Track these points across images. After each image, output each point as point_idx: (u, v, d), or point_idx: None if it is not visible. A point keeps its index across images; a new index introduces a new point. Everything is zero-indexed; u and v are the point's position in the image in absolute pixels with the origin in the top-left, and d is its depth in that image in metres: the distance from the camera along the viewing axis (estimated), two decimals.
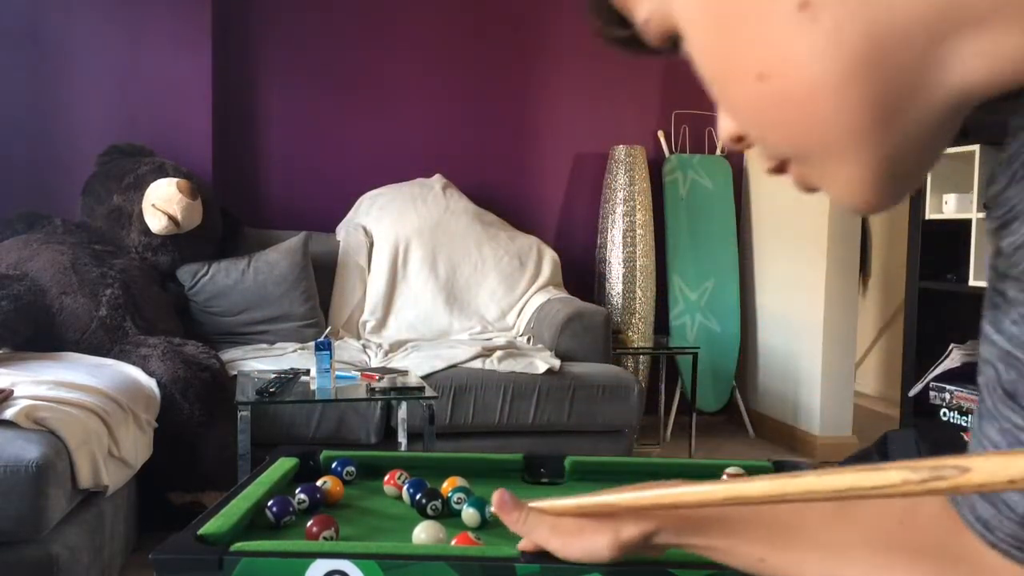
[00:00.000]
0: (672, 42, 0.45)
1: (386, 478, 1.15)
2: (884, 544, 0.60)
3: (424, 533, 0.93)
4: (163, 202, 3.32)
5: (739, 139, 0.45)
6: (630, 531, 0.68)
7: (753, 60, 0.39)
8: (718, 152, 4.48)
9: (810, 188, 0.44)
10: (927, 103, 0.38)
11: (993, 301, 0.48)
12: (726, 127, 0.45)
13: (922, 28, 0.36)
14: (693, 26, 0.41)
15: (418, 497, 1.06)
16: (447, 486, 1.09)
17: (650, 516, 0.68)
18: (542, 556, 0.75)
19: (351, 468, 1.19)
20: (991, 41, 0.35)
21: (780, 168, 0.44)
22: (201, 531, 0.83)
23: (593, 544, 0.69)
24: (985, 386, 0.50)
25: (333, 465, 1.20)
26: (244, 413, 2.47)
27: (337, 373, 2.73)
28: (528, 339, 3.69)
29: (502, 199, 4.29)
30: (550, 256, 3.99)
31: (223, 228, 3.64)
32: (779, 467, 1.12)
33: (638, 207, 4.18)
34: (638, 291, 4.17)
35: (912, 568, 0.58)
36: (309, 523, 0.91)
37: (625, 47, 0.48)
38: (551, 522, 0.72)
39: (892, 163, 0.40)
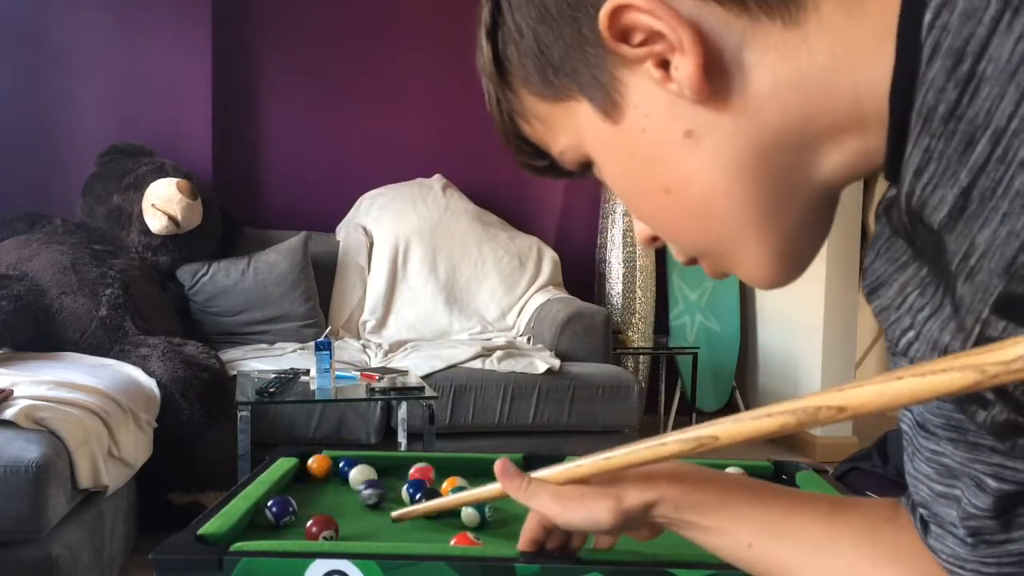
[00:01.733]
0: (585, 167, 0.55)
1: (412, 471, 1.14)
2: (870, 540, 0.63)
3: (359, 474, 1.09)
4: (163, 202, 3.32)
5: (653, 239, 0.55)
6: (632, 499, 0.69)
7: (658, 179, 0.49)
8: None
9: (722, 274, 0.54)
10: (804, 194, 0.48)
11: (891, 351, 0.54)
12: (641, 230, 0.56)
13: (787, 142, 0.46)
14: (605, 156, 0.51)
15: (418, 497, 1.06)
16: (447, 486, 1.09)
17: (655, 487, 0.69)
18: (542, 556, 0.76)
19: (374, 492, 1.10)
20: (838, 145, 0.46)
21: (692, 261, 0.54)
22: (201, 531, 0.83)
23: (595, 510, 0.70)
24: (907, 429, 0.57)
25: (341, 465, 1.18)
26: (244, 413, 2.47)
27: (337, 373, 2.73)
28: (528, 339, 3.69)
29: (502, 199, 4.29)
30: (550, 256, 3.99)
31: (223, 228, 3.64)
32: (779, 467, 1.12)
33: None
34: (638, 291, 4.17)
35: (895, 565, 0.62)
36: (309, 523, 0.91)
37: (544, 173, 0.58)
38: (552, 489, 0.72)
39: (786, 245, 0.50)
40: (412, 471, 1.15)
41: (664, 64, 0.45)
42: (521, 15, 0.49)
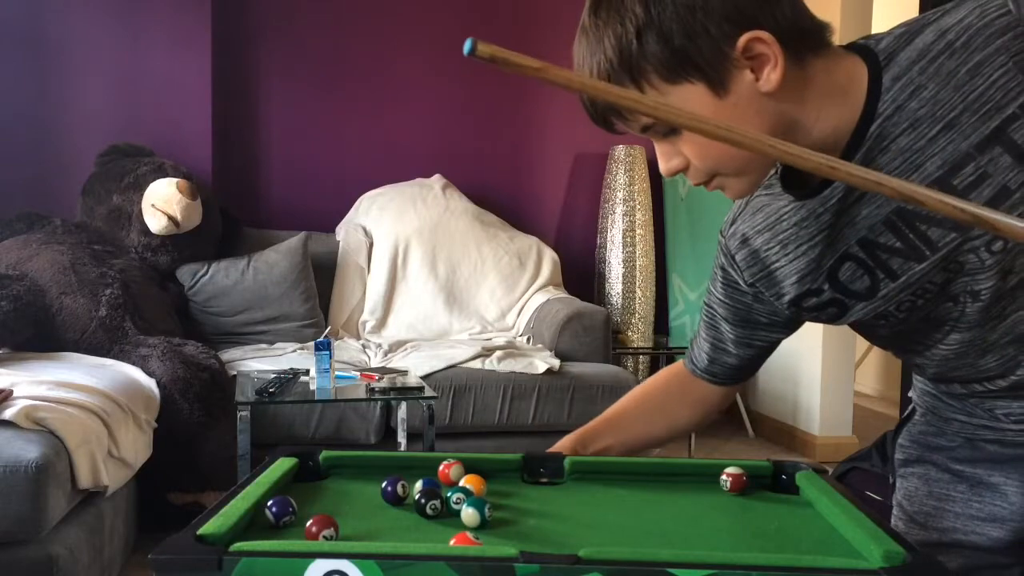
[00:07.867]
0: (666, 131, 0.88)
1: (441, 468, 1.12)
2: (652, 400, 1.31)
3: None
4: (163, 202, 3.32)
5: (677, 171, 0.90)
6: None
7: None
8: None
9: (717, 188, 0.90)
10: None
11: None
12: (670, 166, 0.90)
13: (794, 120, 0.87)
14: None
15: (417, 496, 1.05)
16: (465, 481, 1.08)
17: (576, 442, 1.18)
18: (541, 556, 0.76)
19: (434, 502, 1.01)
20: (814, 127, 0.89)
21: (706, 182, 0.89)
22: (200, 531, 0.82)
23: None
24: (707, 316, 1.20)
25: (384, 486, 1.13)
26: (244, 413, 2.47)
27: (337, 373, 2.73)
28: (528, 339, 3.69)
29: (502, 199, 4.29)
30: (550, 256, 3.99)
31: (223, 228, 3.64)
32: (778, 467, 1.12)
33: (638, 207, 4.18)
34: (638, 291, 4.17)
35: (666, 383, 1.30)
36: (309, 523, 0.91)
37: (612, 131, 0.91)
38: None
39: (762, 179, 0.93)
40: (441, 467, 1.13)
41: (755, 70, 0.83)
42: (678, 23, 0.80)
